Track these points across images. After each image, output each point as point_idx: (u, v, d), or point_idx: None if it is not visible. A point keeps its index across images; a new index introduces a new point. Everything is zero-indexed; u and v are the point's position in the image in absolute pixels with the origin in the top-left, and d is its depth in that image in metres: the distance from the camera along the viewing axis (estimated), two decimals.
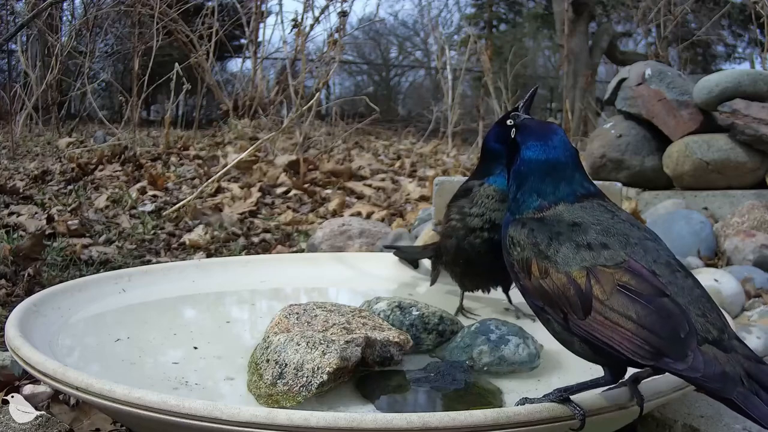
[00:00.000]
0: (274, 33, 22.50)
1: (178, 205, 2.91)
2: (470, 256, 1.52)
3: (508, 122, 1.53)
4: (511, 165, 1.02)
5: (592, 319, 0.85)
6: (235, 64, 9.44)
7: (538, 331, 1.25)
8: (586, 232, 0.91)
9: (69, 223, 2.61)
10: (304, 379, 1.06)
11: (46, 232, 2.45)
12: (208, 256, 2.45)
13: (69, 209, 2.93)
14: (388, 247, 2.07)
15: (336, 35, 4.05)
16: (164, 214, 2.93)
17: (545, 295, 0.90)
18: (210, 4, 6.41)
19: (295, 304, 1.28)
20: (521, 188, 0.99)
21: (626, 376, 0.94)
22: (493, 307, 1.61)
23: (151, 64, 5.13)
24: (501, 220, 1.45)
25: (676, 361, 0.80)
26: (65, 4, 6.54)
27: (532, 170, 0.98)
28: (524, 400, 0.93)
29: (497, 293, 1.62)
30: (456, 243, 1.55)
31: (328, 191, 3.73)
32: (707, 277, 1.78)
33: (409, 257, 1.91)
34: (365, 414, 0.90)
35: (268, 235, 2.81)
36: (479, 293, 1.61)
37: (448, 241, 1.58)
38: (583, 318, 0.86)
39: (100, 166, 3.92)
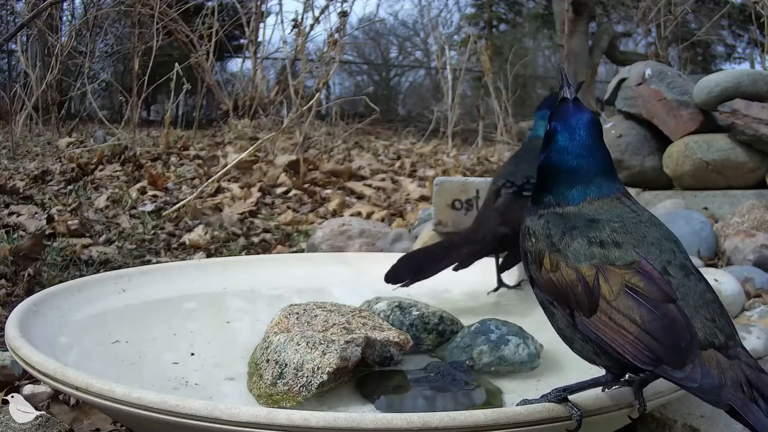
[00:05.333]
0: (274, 33, 22.45)
1: (178, 205, 2.90)
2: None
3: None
4: (542, 153, 0.98)
5: (597, 318, 0.85)
6: (235, 64, 9.42)
7: (538, 332, 1.25)
8: (601, 229, 0.89)
9: (69, 223, 2.61)
10: (304, 379, 1.06)
11: (46, 232, 2.45)
12: (208, 256, 2.45)
13: (69, 209, 2.93)
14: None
15: (336, 35, 4.05)
16: (164, 214, 2.93)
17: (554, 289, 0.90)
18: (210, 4, 6.41)
19: (295, 304, 1.28)
20: (541, 184, 0.98)
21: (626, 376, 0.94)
22: (492, 306, 1.61)
23: (151, 64, 5.13)
24: None
25: (674, 370, 0.80)
26: (65, 4, 6.52)
27: (553, 173, 0.96)
28: (524, 402, 0.93)
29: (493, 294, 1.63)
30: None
31: (328, 191, 3.72)
32: (707, 277, 1.77)
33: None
34: (365, 414, 0.90)
35: (268, 235, 2.81)
36: (474, 291, 1.60)
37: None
38: (589, 316, 0.85)
39: (100, 166, 3.92)
